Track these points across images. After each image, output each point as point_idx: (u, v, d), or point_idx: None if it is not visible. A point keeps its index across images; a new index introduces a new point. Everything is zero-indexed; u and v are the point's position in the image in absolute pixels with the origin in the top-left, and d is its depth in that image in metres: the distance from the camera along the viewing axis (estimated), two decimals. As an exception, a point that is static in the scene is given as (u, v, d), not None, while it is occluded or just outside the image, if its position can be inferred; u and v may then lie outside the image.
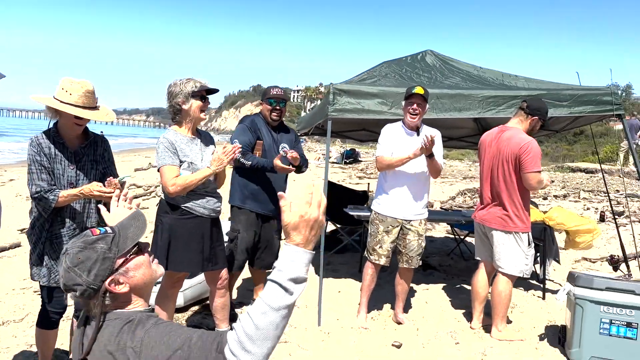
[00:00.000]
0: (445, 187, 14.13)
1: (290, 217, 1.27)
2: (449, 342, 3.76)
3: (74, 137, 2.82)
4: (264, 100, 4.07)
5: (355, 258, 6.02)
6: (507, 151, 3.73)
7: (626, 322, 3.40)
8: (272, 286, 1.23)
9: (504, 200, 3.78)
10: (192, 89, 3.11)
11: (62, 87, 2.66)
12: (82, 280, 1.38)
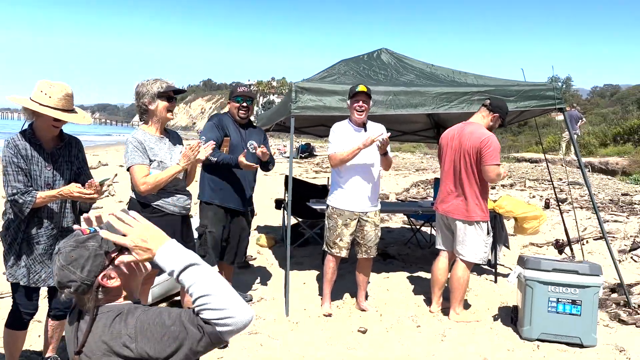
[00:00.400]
0: (400, 179, 14.51)
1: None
2: (410, 325, 3.98)
3: (50, 138, 2.84)
4: (231, 99, 4.16)
5: (317, 250, 6.18)
6: (468, 145, 3.99)
7: (571, 300, 3.71)
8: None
9: (466, 192, 4.03)
10: (158, 89, 3.17)
11: (40, 89, 2.68)
12: (76, 277, 1.47)
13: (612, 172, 15.09)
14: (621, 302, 4.53)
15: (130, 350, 1.38)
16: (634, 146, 18.64)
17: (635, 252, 6.13)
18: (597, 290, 3.69)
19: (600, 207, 9.05)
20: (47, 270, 2.84)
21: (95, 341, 1.44)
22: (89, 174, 3.01)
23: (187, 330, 1.36)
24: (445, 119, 6.90)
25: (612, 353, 3.55)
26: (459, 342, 3.66)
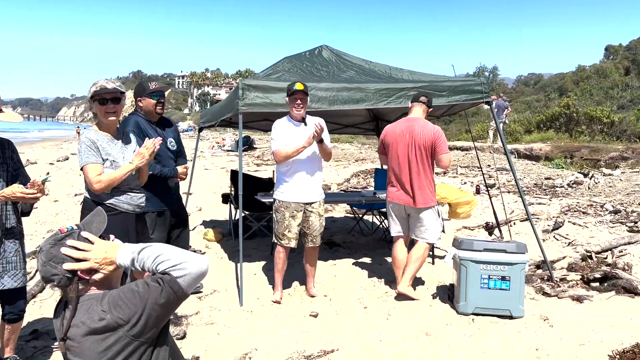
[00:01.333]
0: (340, 170, 14.86)
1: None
2: (358, 307, 4.26)
3: None
4: (145, 96, 4.06)
5: (265, 242, 6.36)
6: (422, 139, 4.40)
7: (501, 276, 4.11)
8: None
9: (422, 181, 4.42)
10: (92, 92, 3.12)
11: None
12: (57, 271, 1.61)
13: (536, 158, 16.15)
14: (545, 277, 5.03)
15: (105, 321, 1.54)
16: (556, 132, 19.96)
17: (557, 232, 6.74)
18: (523, 266, 4.10)
19: (526, 191, 9.77)
20: None
21: (77, 325, 1.59)
22: (26, 174, 3.04)
23: (149, 286, 1.57)
24: (383, 112, 7.23)
25: (538, 322, 3.97)
26: (403, 319, 3.98)
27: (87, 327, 1.56)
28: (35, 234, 6.92)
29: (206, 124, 6.68)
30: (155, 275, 1.59)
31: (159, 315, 1.59)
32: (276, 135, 4.33)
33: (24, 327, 3.61)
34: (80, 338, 1.57)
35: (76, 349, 1.59)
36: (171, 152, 4.22)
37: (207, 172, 15.18)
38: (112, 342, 1.55)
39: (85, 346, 1.56)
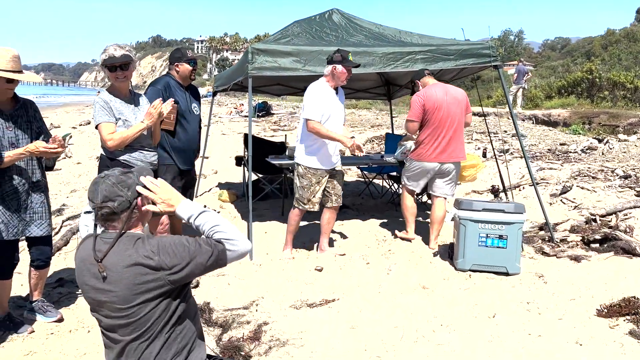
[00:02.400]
0: (355, 135, 14.94)
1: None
2: (361, 263, 4.49)
3: (6, 101, 3.06)
4: (184, 61, 4.20)
5: (277, 203, 6.59)
6: (462, 98, 4.89)
7: (498, 235, 4.27)
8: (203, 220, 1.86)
9: (462, 137, 4.95)
10: (102, 60, 3.36)
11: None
12: (123, 194, 1.80)
13: (554, 124, 15.99)
14: (546, 238, 5.17)
15: (152, 260, 1.74)
16: (577, 98, 19.65)
17: (565, 195, 6.83)
18: (520, 226, 4.26)
19: (539, 156, 9.80)
20: (23, 223, 3.13)
21: (118, 256, 1.76)
22: (48, 131, 3.26)
23: (202, 247, 1.78)
24: (394, 76, 7.30)
25: (532, 278, 4.15)
26: (403, 275, 4.19)
27: (133, 260, 1.75)
28: (60, 194, 7.26)
29: (220, 88, 6.85)
30: (209, 240, 1.80)
31: (196, 273, 1.81)
32: (316, 102, 4.31)
33: (50, 276, 3.93)
34: (122, 268, 1.75)
35: (113, 276, 1.76)
36: (194, 117, 4.40)
37: (224, 137, 15.42)
38: (150, 279, 1.75)
39: (125, 276, 1.75)
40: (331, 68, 4.35)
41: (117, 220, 1.83)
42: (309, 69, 4.74)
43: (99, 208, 1.81)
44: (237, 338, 3.11)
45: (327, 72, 4.41)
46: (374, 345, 3.05)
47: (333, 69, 4.35)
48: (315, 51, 4.75)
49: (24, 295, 3.70)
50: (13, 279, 3.30)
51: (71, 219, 5.77)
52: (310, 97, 4.36)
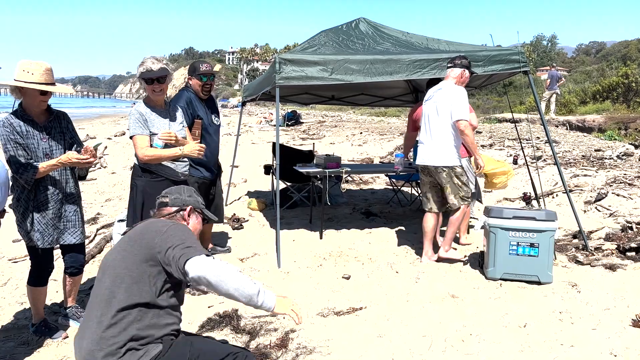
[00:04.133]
0: (384, 143, 14.91)
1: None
2: (389, 271, 4.46)
3: (40, 113, 3.17)
4: (194, 76, 4.39)
5: (305, 211, 6.62)
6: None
7: (530, 243, 4.19)
8: (252, 293, 1.96)
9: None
10: (139, 72, 3.47)
11: (22, 69, 2.99)
12: (182, 197, 2.37)
13: (589, 130, 15.59)
14: (580, 247, 5.04)
15: (157, 236, 2.06)
16: (612, 103, 19.12)
17: (600, 203, 6.65)
18: (552, 233, 4.16)
19: (573, 162, 9.56)
20: (57, 232, 3.22)
21: (156, 223, 2.15)
22: (80, 142, 3.35)
23: (181, 253, 1.99)
24: (422, 83, 7.26)
25: (566, 288, 4.05)
26: (431, 283, 4.15)
27: (152, 233, 2.08)
28: (95, 203, 7.46)
29: (248, 98, 6.95)
30: (188, 262, 1.96)
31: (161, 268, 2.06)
32: (466, 105, 4.45)
33: (84, 282, 4.04)
34: (142, 234, 2.11)
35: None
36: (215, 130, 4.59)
37: (253, 146, 15.59)
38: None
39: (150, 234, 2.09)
40: (461, 72, 4.57)
41: (165, 212, 2.34)
42: (336, 77, 4.77)
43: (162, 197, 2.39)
44: (264, 345, 3.13)
45: (455, 75, 4.58)
46: (402, 354, 3.02)
47: (463, 72, 4.58)
48: (341, 60, 4.78)
49: (59, 302, 3.81)
50: (48, 286, 3.41)
51: (105, 227, 5.92)
52: (461, 98, 4.45)
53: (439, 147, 4.53)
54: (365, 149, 14.11)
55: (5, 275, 4.50)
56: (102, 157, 12.63)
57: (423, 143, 4.68)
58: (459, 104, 4.42)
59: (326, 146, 14.90)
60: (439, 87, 4.65)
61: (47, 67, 3.05)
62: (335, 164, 5.79)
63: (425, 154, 4.64)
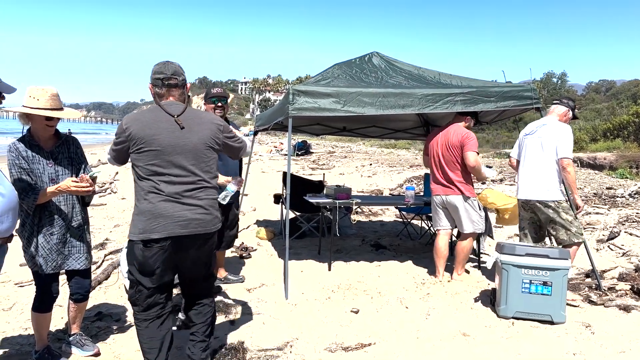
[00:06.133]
0: (394, 175, 14.91)
1: None
2: (398, 306, 4.38)
3: (48, 138, 3.18)
4: (207, 101, 4.53)
5: (314, 242, 6.58)
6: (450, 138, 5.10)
7: (543, 282, 4.11)
8: None
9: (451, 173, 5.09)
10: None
11: (29, 95, 3.03)
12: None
13: (600, 167, 15.51)
14: (593, 286, 4.94)
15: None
16: (623, 141, 19.05)
17: (612, 242, 6.55)
18: (566, 272, 4.09)
19: (585, 200, 9.47)
20: (62, 257, 3.19)
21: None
22: (87, 169, 3.31)
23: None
24: (434, 117, 7.29)
25: (579, 328, 3.95)
26: (442, 320, 4.06)
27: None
28: (103, 228, 7.47)
29: (260, 128, 7.00)
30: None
31: None
32: (571, 142, 4.52)
33: (89, 309, 4.00)
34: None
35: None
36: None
37: (263, 175, 15.64)
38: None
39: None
40: (566, 111, 4.69)
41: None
42: (348, 109, 4.80)
43: (168, 78, 2.71)
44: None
45: (559, 112, 4.69)
46: (411, 393, 2.94)
47: (567, 112, 4.69)
48: (354, 92, 4.82)
49: (63, 329, 3.77)
50: (53, 312, 3.37)
51: (113, 253, 5.90)
52: (568, 136, 4.51)
53: (544, 182, 4.53)
54: (374, 181, 14.11)
55: (11, 299, 4.47)
56: (112, 182, 12.71)
57: (524, 177, 4.69)
58: (565, 141, 4.47)
59: (336, 177, 14.91)
60: (543, 122, 4.70)
61: (53, 92, 3.06)
62: (345, 195, 5.78)
63: (529, 189, 4.63)
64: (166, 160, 2.65)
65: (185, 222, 2.66)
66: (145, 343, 2.79)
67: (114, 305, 4.35)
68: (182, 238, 2.69)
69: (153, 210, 2.63)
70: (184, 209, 2.66)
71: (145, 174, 2.65)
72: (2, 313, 4.18)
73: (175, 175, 2.67)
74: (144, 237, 2.64)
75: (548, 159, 4.54)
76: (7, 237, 2.52)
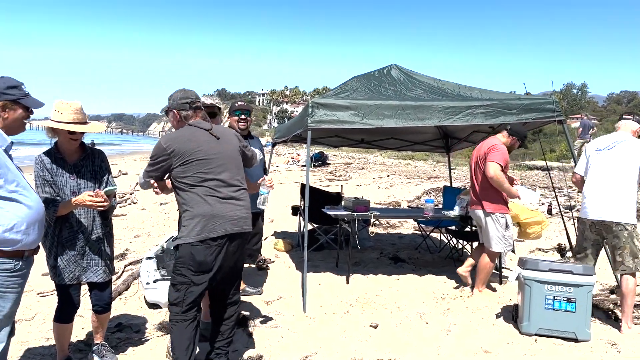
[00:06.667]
0: (412, 187, 14.81)
1: None
2: (418, 321, 4.32)
3: (72, 151, 3.22)
4: (231, 114, 4.58)
5: (331, 254, 6.55)
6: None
7: (566, 298, 4.02)
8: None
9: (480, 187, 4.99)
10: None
11: (55, 109, 3.08)
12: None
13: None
14: (618, 303, 4.81)
15: None
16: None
17: (638, 257, 6.38)
18: (590, 288, 4.00)
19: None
20: (80, 269, 3.21)
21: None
22: (109, 182, 3.33)
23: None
24: (453, 130, 7.25)
25: (604, 347, 3.84)
26: (463, 336, 4.00)
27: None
28: (123, 239, 7.53)
29: (279, 140, 7.02)
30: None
31: None
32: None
33: (109, 320, 4.01)
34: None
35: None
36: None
37: (281, 186, 15.64)
38: None
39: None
40: (638, 127, 4.41)
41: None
42: (367, 122, 4.80)
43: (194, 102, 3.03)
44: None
45: (634, 128, 4.40)
46: (432, 411, 2.88)
47: (639, 129, 4.41)
48: (373, 105, 4.82)
49: (84, 339, 3.79)
50: (74, 322, 3.39)
51: (133, 264, 5.94)
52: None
53: (623, 203, 4.19)
54: (392, 192, 14.02)
55: (33, 309, 4.52)
56: (132, 192, 12.85)
57: (597, 196, 4.31)
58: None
59: (353, 188, 14.87)
60: (621, 138, 4.37)
61: (77, 107, 3.10)
62: (364, 208, 5.75)
63: (604, 209, 4.24)
64: (213, 167, 2.98)
65: (237, 220, 3.01)
66: (180, 344, 2.99)
67: (134, 316, 4.37)
68: (235, 235, 3.01)
69: (211, 212, 2.93)
70: (235, 209, 3.01)
71: (196, 182, 2.94)
72: (24, 323, 4.22)
73: (222, 180, 3.00)
74: (203, 237, 2.91)
75: (628, 178, 4.21)
76: (32, 249, 2.55)
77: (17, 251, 2.42)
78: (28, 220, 2.44)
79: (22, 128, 2.59)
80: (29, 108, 2.57)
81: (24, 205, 2.42)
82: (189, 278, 2.96)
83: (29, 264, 2.56)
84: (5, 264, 2.39)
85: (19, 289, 2.50)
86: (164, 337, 3.89)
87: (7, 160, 2.42)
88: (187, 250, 2.93)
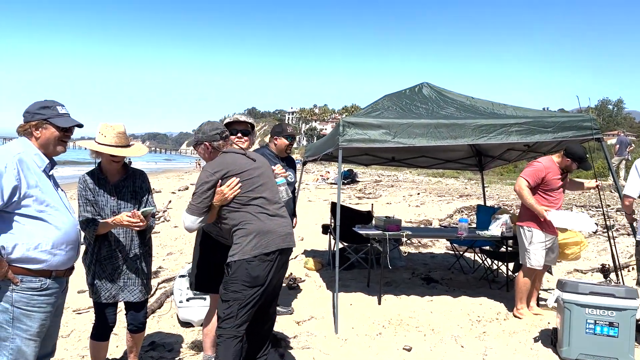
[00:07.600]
0: (443, 205, 14.62)
1: None
2: (453, 345, 4.21)
3: (114, 172, 3.28)
4: (281, 136, 4.59)
5: (363, 273, 6.48)
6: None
7: (608, 322, 3.87)
8: None
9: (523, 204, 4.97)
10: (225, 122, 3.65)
11: (99, 131, 3.15)
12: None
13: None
14: (664, 328, 4.60)
15: None
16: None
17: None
18: (634, 313, 3.83)
19: (649, 233, 8.94)
20: (116, 288, 3.24)
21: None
22: (148, 203, 3.37)
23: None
24: (486, 147, 7.14)
25: (651, 374, 3.67)
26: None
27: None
28: (156, 256, 7.61)
29: (310, 158, 7.04)
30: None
31: None
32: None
33: (146, 337, 4.04)
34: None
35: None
36: (290, 184, 4.59)
37: (310, 204, 15.67)
38: None
39: None
40: None
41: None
42: (399, 140, 4.78)
43: (223, 132, 3.13)
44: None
45: None
46: None
47: None
48: (405, 124, 4.79)
49: (119, 358, 3.82)
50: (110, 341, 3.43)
51: (166, 281, 6.00)
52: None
53: None
54: (423, 210, 13.87)
55: (69, 326, 4.59)
56: (165, 210, 13.05)
57: None
58: None
59: (382, 206, 14.77)
60: None
61: (120, 130, 3.16)
62: (395, 227, 5.69)
63: None
64: (257, 186, 3.08)
65: (285, 236, 3.09)
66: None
67: (167, 334, 4.40)
68: (284, 250, 3.09)
69: (264, 228, 3.01)
70: (282, 225, 3.11)
71: (246, 201, 3.04)
72: (60, 340, 4.26)
73: (267, 198, 3.11)
74: (258, 252, 2.97)
75: None
76: (62, 270, 2.56)
77: (43, 270, 2.44)
78: (55, 240, 2.46)
79: (61, 148, 2.64)
80: (65, 128, 2.61)
81: (51, 226, 2.45)
82: (243, 294, 2.97)
83: (60, 284, 2.56)
84: (32, 282, 2.41)
85: (48, 309, 2.48)
86: (197, 355, 3.90)
87: (42, 181, 2.46)
88: (242, 267, 2.96)
